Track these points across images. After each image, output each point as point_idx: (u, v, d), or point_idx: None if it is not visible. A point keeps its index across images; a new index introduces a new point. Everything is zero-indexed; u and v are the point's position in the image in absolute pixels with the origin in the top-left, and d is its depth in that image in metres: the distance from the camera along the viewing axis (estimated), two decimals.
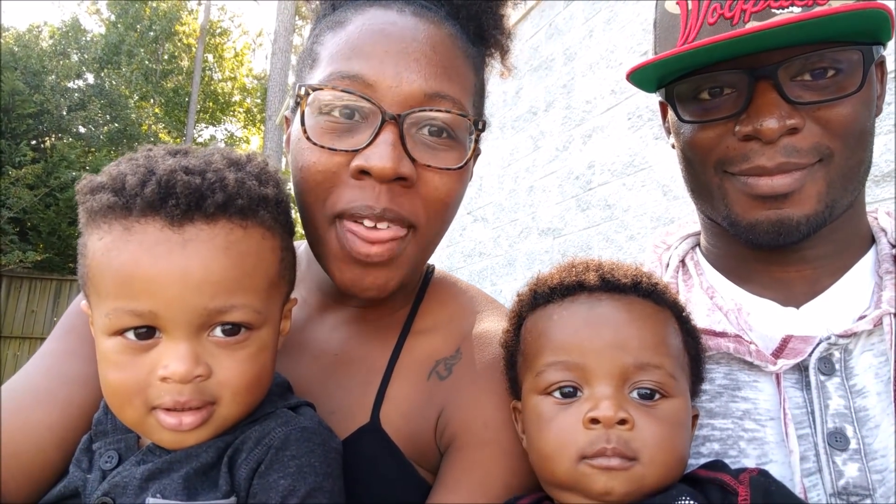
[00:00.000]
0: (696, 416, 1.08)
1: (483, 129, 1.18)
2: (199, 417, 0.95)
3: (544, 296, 1.10)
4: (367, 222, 1.09)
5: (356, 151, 1.08)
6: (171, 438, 0.96)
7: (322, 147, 1.09)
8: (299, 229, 1.17)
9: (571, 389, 0.99)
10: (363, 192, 1.08)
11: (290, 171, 1.20)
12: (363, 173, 1.07)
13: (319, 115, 1.11)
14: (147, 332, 0.94)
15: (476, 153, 1.19)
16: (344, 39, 1.13)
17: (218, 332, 0.96)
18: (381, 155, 1.05)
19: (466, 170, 1.18)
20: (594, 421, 0.94)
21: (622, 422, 0.94)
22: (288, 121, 1.29)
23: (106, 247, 0.94)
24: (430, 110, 1.10)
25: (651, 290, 1.06)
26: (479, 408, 1.13)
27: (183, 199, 0.93)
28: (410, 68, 1.09)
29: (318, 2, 1.30)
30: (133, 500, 0.94)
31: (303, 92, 1.11)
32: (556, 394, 1.00)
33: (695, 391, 1.10)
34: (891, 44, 2.97)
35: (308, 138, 1.10)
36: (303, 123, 1.11)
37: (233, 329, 0.96)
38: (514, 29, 6.61)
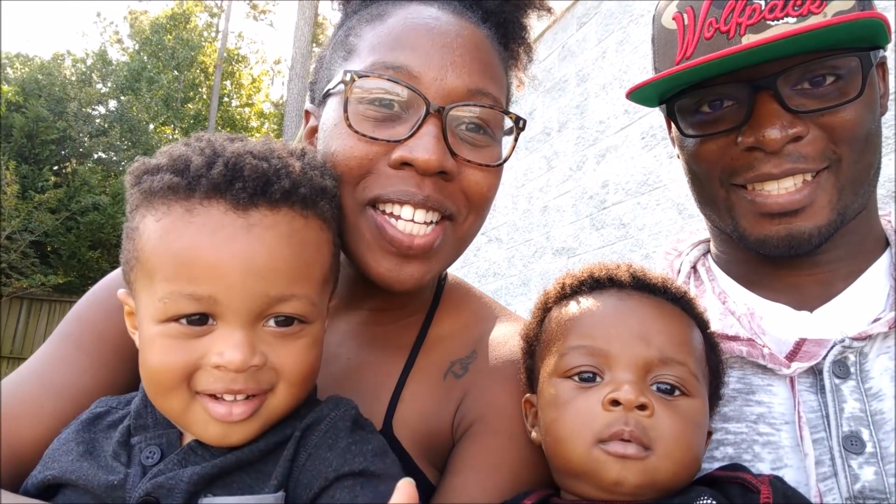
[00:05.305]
0: (710, 434, 1.06)
1: (524, 128, 1.18)
2: (251, 408, 0.91)
3: (573, 287, 1.11)
4: (407, 210, 1.08)
5: (397, 142, 1.07)
6: (217, 431, 0.92)
7: (362, 135, 1.08)
8: None
9: (591, 375, 0.99)
10: (403, 180, 1.07)
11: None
12: (405, 164, 1.07)
13: (359, 104, 1.10)
14: (200, 319, 0.90)
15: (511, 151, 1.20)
16: (386, 31, 1.13)
17: (272, 323, 0.93)
18: (425, 147, 1.05)
19: (503, 168, 1.19)
20: (614, 403, 0.93)
21: (642, 407, 0.92)
22: (309, 114, 1.29)
23: (164, 228, 0.90)
24: (474, 105, 1.10)
25: (680, 297, 1.08)
26: (494, 398, 1.13)
27: (250, 183, 0.91)
28: (455, 63, 1.10)
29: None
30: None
31: (348, 78, 1.09)
32: (576, 378, 1.00)
33: (712, 406, 1.09)
34: None
35: (349, 125, 1.09)
36: (346, 110, 1.09)
37: (286, 321, 0.94)
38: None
